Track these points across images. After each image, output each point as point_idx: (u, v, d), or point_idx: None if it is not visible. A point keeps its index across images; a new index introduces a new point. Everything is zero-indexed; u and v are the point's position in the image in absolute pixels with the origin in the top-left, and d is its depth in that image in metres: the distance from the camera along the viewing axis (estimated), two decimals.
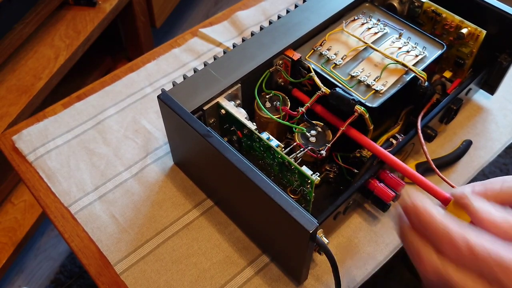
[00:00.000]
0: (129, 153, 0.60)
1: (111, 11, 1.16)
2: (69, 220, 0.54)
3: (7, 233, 1.05)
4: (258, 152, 0.48)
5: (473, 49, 0.56)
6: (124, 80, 0.67)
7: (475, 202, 0.33)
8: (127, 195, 0.56)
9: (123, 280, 0.50)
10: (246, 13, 0.75)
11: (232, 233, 0.53)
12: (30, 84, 1.01)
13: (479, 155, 0.58)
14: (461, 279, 0.30)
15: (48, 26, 1.12)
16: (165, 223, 0.53)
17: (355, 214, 0.53)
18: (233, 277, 0.49)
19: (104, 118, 0.63)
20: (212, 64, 0.52)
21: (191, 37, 0.73)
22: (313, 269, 0.49)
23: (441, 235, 0.31)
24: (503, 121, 0.62)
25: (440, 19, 0.57)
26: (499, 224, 0.31)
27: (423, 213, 0.32)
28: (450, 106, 0.55)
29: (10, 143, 0.61)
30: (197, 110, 0.48)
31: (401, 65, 0.52)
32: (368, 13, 0.58)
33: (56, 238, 1.19)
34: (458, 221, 0.32)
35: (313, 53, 0.54)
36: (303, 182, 0.45)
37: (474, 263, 0.30)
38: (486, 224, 0.32)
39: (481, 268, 0.30)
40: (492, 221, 0.32)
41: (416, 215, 0.33)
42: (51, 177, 0.58)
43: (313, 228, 0.38)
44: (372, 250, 0.51)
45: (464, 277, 0.30)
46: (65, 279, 1.12)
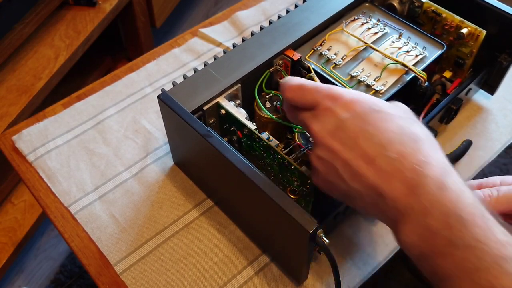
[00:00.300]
0: (129, 153, 0.60)
1: (111, 11, 1.16)
2: (69, 220, 0.54)
3: (7, 233, 1.05)
4: (258, 152, 0.48)
5: (473, 49, 0.56)
6: (124, 80, 0.67)
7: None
8: (127, 195, 0.56)
9: (123, 280, 0.50)
10: (246, 13, 0.75)
11: (232, 233, 0.53)
12: (30, 84, 1.01)
13: (479, 155, 0.58)
14: (314, 124, 0.38)
15: (48, 26, 1.12)
16: (165, 223, 0.53)
17: (355, 214, 0.53)
18: (233, 277, 0.49)
19: (104, 118, 0.63)
20: (212, 64, 0.52)
21: (191, 37, 0.73)
22: (313, 269, 0.49)
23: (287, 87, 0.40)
24: (503, 121, 0.62)
25: (440, 19, 0.57)
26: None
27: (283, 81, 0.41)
28: (450, 106, 0.55)
29: (10, 143, 0.61)
30: (197, 110, 0.48)
31: (401, 65, 0.52)
32: (368, 13, 0.58)
33: (56, 238, 1.19)
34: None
35: (313, 53, 0.54)
36: (303, 182, 0.45)
37: (303, 97, 0.39)
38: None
39: (304, 101, 0.39)
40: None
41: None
42: (51, 177, 0.58)
43: (313, 228, 0.38)
44: (372, 250, 0.51)
45: (294, 112, 0.40)
46: (65, 279, 1.12)
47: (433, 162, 0.34)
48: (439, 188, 0.33)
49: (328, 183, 0.39)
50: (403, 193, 0.33)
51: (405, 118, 0.37)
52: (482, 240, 0.31)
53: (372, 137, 0.35)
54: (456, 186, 0.33)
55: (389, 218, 0.35)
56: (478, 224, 0.32)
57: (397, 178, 0.34)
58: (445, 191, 0.33)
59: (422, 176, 0.33)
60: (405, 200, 0.33)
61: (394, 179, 0.34)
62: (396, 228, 0.35)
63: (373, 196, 0.35)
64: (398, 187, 0.33)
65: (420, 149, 0.34)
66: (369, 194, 0.35)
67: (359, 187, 0.35)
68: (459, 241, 0.31)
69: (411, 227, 0.33)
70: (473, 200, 0.33)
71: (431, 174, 0.33)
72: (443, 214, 0.32)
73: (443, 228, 0.32)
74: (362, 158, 0.35)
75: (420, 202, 0.33)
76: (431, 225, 0.32)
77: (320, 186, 0.40)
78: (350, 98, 0.37)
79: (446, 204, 0.32)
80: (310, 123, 0.38)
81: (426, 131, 0.37)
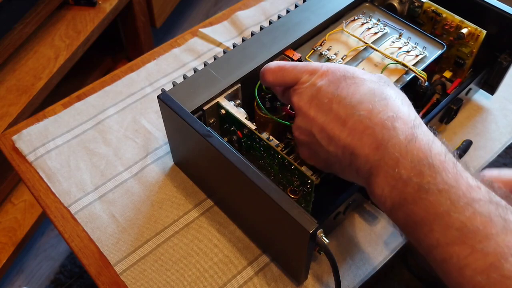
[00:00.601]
0: (129, 153, 0.60)
1: (111, 11, 1.16)
2: (69, 220, 0.54)
3: (7, 233, 1.05)
4: (258, 152, 0.48)
5: (473, 49, 0.56)
6: (124, 80, 0.67)
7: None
8: (127, 195, 0.56)
9: (123, 280, 0.50)
10: (246, 13, 0.75)
11: (232, 233, 0.53)
12: (30, 84, 1.01)
13: (479, 155, 0.58)
14: (295, 97, 0.41)
15: (48, 26, 1.12)
16: (165, 223, 0.53)
17: (355, 214, 0.53)
18: (233, 277, 0.49)
19: (104, 118, 0.63)
20: (212, 64, 0.52)
21: (191, 37, 0.73)
22: (313, 269, 0.49)
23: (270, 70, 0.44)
24: (503, 121, 0.62)
25: (440, 19, 0.57)
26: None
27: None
28: (450, 106, 0.55)
29: (10, 143, 0.61)
30: (197, 110, 0.48)
31: (401, 65, 0.52)
32: (368, 13, 0.58)
33: (56, 238, 1.19)
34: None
35: (313, 53, 0.54)
36: (303, 182, 0.45)
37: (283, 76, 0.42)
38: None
39: (286, 79, 0.42)
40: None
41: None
42: (51, 177, 0.58)
43: (313, 228, 0.38)
44: (372, 250, 0.51)
45: (296, 95, 0.41)
46: (65, 279, 1.12)
47: (402, 116, 0.35)
48: (409, 140, 0.34)
49: (310, 152, 0.41)
50: (374, 147, 0.34)
51: (378, 82, 0.38)
52: (454, 184, 0.32)
53: (344, 100, 0.37)
54: (426, 136, 0.34)
55: (363, 176, 0.36)
56: (448, 170, 0.32)
57: (368, 135, 0.35)
58: (415, 141, 0.34)
59: (391, 129, 0.34)
60: (375, 154, 0.34)
61: (364, 136, 0.35)
62: (369, 183, 0.35)
63: (348, 157, 0.36)
64: (369, 143, 0.35)
65: (388, 105, 0.36)
66: (344, 155, 0.36)
67: (335, 149, 0.37)
68: (431, 186, 0.32)
69: (383, 178, 0.34)
70: (443, 149, 0.34)
71: (400, 127, 0.34)
72: (413, 163, 0.33)
73: (414, 176, 0.33)
74: (336, 121, 0.37)
75: (390, 153, 0.34)
76: (402, 173, 0.33)
77: (305, 158, 0.42)
78: (325, 68, 0.40)
79: (416, 153, 0.33)
80: (291, 97, 0.41)
81: (398, 91, 0.38)
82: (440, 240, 0.31)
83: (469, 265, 0.30)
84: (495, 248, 0.29)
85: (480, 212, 0.31)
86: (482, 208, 0.31)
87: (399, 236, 0.52)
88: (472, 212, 0.31)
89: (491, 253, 0.29)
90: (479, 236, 0.30)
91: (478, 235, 0.30)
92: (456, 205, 0.31)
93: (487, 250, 0.29)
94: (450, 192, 0.32)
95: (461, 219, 0.31)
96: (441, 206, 0.31)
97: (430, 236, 0.32)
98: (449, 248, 0.31)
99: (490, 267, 0.29)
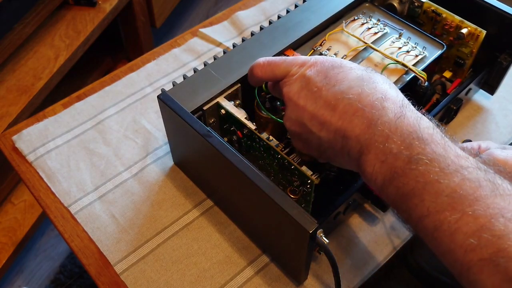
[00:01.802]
0: (129, 153, 0.60)
1: (111, 11, 1.16)
2: (69, 220, 0.54)
3: (7, 233, 1.05)
4: (258, 152, 0.48)
5: (473, 49, 0.56)
6: (124, 80, 0.67)
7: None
8: (127, 195, 0.56)
9: (123, 280, 0.50)
10: (246, 13, 0.75)
11: (232, 233, 0.53)
12: (30, 84, 1.01)
13: None
14: (284, 88, 0.42)
15: (48, 26, 1.12)
16: (165, 223, 0.53)
17: (355, 214, 0.53)
18: (233, 277, 0.49)
19: (104, 118, 0.63)
20: (212, 64, 0.52)
21: (191, 37, 0.73)
22: (313, 269, 0.49)
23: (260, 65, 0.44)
24: (503, 121, 0.62)
25: (440, 19, 0.57)
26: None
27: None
28: (450, 106, 0.55)
29: (10, 143, 0.61)
30: (197, 110, 0.48)
31: (401, 65, 0.52)
32: (368, 13, 0.58)
33: (56, 238, 1.19)
34: None
35: (313, 53, 0.54)
36: (303, 182, 0.45)
37: (273, 71, 0.43)
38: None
39: (276, 73, 0.43)
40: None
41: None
42: (51, 177, 0.58)
43: (313, 228, 0.38)
44: (372, 250, 0.51)
45: (286, 86, 0.41)
46: (65, 279, 1.12)
47: (390, 97, 0.36)
48: (398, 117, 0.35)
49: (303, 141, 0.41)
50: (364, 127, 0.35)
51: (365, 69, 0.40)
52: (443, 153, 0.33)
53: (333, 87, 0.38)
54: (414, 113, 0.36)
55: (354, 157, 0.37)
56: (437, 141, 0.33)
57: (358, 116, 0.36)
58: (403, 118, 0.35)
59: (380, 109, 0.36)
60: (366, 133, 0.35)
61: (355, 118, 0.36)
62: (360, 162, 0.36)
63: (339, 140, 0.37)
64: (359, 124, 0.36)
65: (377, 88, 0.37)
66: (336, 139, 0.37)
67: (327, 135, 0.38)
68: (421, 156, 0.33)
69: (373, 155, 0.35)
70: (431, 124, 0.35)
71: (389, 106, 0.36)
72: (402, 137, 0.34)
73: (404, 149, 0.33)
74: (326, 107, 0.38)
75: (380, 130, 0.35)
76: (392, 148, 0.34)
77: (298, 147, 0.43)
78: (314, 60, 0.41)
79: (405, 128, 0.34)
80: (281, 89, 0.42)
81: (383, 77, 0.39)
82: (430, 208, 0.32)
83: (460, 228, 0.30)
84: (485, 210, 0.30)
85: (469, 178, 0.31)
86: (471, 174, 0.31)
87: (399, 236, 0.52)
88: (461, 178, 0.31)
89: (481, 215, 0.30)
90: (469, 200, 0.30)
91: (468, 200, 0.30)
92: (446, 171, 0.32)
93: (478, 213, 0.30)
94: (439, 160, 0.32)
95: (450, 186, 0.31)
96: (431, 174, 0.32)
97: (421, 205, 0.32)
98: (440, 215, 0.31)
99: (481, 229, 0.29)
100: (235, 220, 0.53)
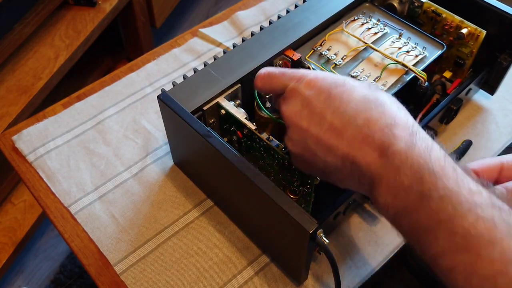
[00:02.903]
0: (129, 153, 0.60)
1: (111, 11, 1.16)
2: (69, 220, 0.54)
3: (7, 233, 1.05)
4: (258, 152, 0.48)
5: (473, 49, 0.56)
6: (124, 80, 0.67)
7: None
8: (127, 195, 0.56)
9: (123, 280, 0.50)
10: (246, 13, 0.75)
11: (232, 233, 0.53)
12: (30, 84, 1.01)
13: (479, 155, 0.58)
14: (283, 107, 0.40)
15: (48, 26, 1.12)
16: (165, 223, 0.53)
17: (355, 214, 0.53)
18: (233, 277, 0.49)
19: (104, 118, 0.63)
20: (212, 64, 0.52)
21: (191, 37, 0.73)
22: (313, 269, 0.49)
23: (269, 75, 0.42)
24: (503, 121, 0.62)
25: (440, 19, 0.57)
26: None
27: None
28: (450, 106, 0.55)
29: (10, 143, 0.61)
30: (197, 110, 0.48)
31: (401, 65, 0.52)
32: (368, 13, 0.58)
33: (56, 238, 1.19)
34: None
35: (313, 53, 0.54)
36: (303, 182, 0.45)
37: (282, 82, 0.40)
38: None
39: (274, 86, 0.41)
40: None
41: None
42: (51, 177, 0.58)
43: (313, 228, 0.38)
44: (372, 250, 0.51)
45: (284, 104, 0.40)
46: (65, 279, 1.12)
47: (400, 123, 0.35)
48: (408, 146, 0.33)
49: (306, 163, 0.40)
50: (375, 156, 0.34)
51: (368, 88, 0.38)
52: (455, 190, 0.31)
53: (338, 109, 0.36)
54: (425, 142, 0.34)
55: (365, 185, 0.36)
56: (449, 175, 0.32)
57: (367, 144, 0.34)
58: (414, 148, 0.33)
59: (390, 137, 0.34)
60: (377, 163, 0.34)
61: (364, 145, 0.35)
62: (372, 192, 0.35)
63: (348, 166, 0.36)
64: (370, 152, 0.34)
65: (385, 112, 0.35)
66: (344, 165, 0.36)
67: (334, 160, 0.36)
68: (433, 193, 0.32)
69: (385, 187, 0.34)
70: (442, 154, 0.34)
71: (399, 134, 0.34)
72: (414, 170, 0.33)
73: (416, 183, 0.32)
74: (332, 131, 0.36)
75: (391, 162, 0.33)
76: (403, 181, 0.33)
77: (300, 167, 0.41)
78: (313, 76, 0.38)
79: (416, 160, 0.33)
80: (280, 107, 0.40)
81: (390, 96, 0.37)
82: (445, 248, 0.31)
83: (476, 272, 0.30)
84: (501, 254, 0.29)
85: (483, 217, 0.30)
86: (485, 213, 0.30)
87: (399, 236, 0.52)
88: (475, 218, 0.30)
89: (497, 259, 0.29)
90: (484, 242, 0.30)
91: (483, 241, 0.30)
92: (459, 210, 0.31)
93: (493, 257, 0.29)
94: (452, 197, 0.31)
95: (464, 225, 0.30)
96: (444, 213, 0.31)
97: (435, 244, 0.32)
98: (455, 256, 0.30)
99: (497, 274, 0.29)
100: (235, 220, 0.53)
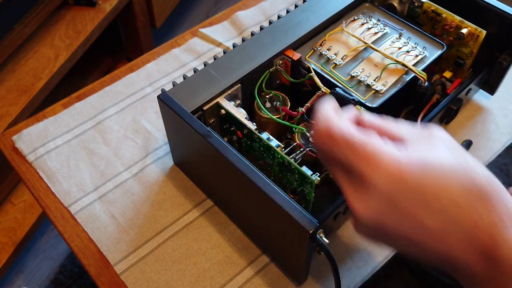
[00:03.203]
0: (129, 153, 0.60)
1: (111, 11, 1.16)
2: (69, 220, 0.54)
3: (7, 233, 1.05)
4: (258, 152, 0.48)
5: (473, 49, 0.56)
6: (124, 80, 0.67)
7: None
8: (127, 195, 0.56)
9: (123, 280, 0.50)
10: (246, 13, 0.75)
11: (232, 233, 0.53)
12: (30, 84, 1.01)
13: (479, 155, 0.58)
14: (329, 168, 0.34)
15: (48, 26, 1.12)
16: (165, 223, 0.53)
17: None
18: (233, 277, 0.49)
19: (104, 118, 0.63)
20: (212, 64, 0.52)
21: (191, 37, 0.73)
22: (313, 269, 0.49)
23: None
24: (503, 121, 0.62)
25: (440, 19, 0.57)
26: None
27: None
28: (450, 106, 0.55)
29: (10, 143, 0.61)
30: (197, 110, 0.48)
31: (401, 65, 0.52)
32: (368, 13, 0.58)
33: (56, 238, 1.19)
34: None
35: (313, 53, 0.54)
36: (303, 182, 0.45)
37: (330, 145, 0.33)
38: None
39: (336, 155, 0.33)
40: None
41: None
42: (51, 177, 0.58)
43: (313, 228, 0.38)
44: (372, 250, 0.51)
45: (329, 165, 0.34)
46: (65, 279, 1.12)
47: (505, 220, 0.30)
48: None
49: (381, 242, 0.35)
50: (480, 260, 0.30)
51: (461, 168, 0.33)
52: None
53: (432, 209, 0.30)
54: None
55: (464, 280, 0.32)
56: None
57: (472, 247, 0.30)
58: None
59: (497, 238, 0.30)
60: (483, 268, 0.30)
61: (469, 248, 0.30)
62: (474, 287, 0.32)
63: (444, 262, 0.32)
64: (474, 257, 0.30)
65: (490, 208, 0.30)
66: (439, 260, 0.32)
67: (425, 257, 0.32)
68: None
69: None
70: None
71: (507, 237, 0.30)
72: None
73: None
74: (427, 234, 0.31)
75: (499, 268, 0.30)
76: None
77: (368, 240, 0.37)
78: (391, 163, 0.31)
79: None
80: (347, 196, 0.33)
81: (484, 170, 0.33)
82: None
83: None
84: None
85: None
86: None
87: None
88: None
89: None
90: None
91: None
92: None
93: None
94: None
95: None
96: None
97: None
98: None
99: None
100: (235, 220, 0.53)
